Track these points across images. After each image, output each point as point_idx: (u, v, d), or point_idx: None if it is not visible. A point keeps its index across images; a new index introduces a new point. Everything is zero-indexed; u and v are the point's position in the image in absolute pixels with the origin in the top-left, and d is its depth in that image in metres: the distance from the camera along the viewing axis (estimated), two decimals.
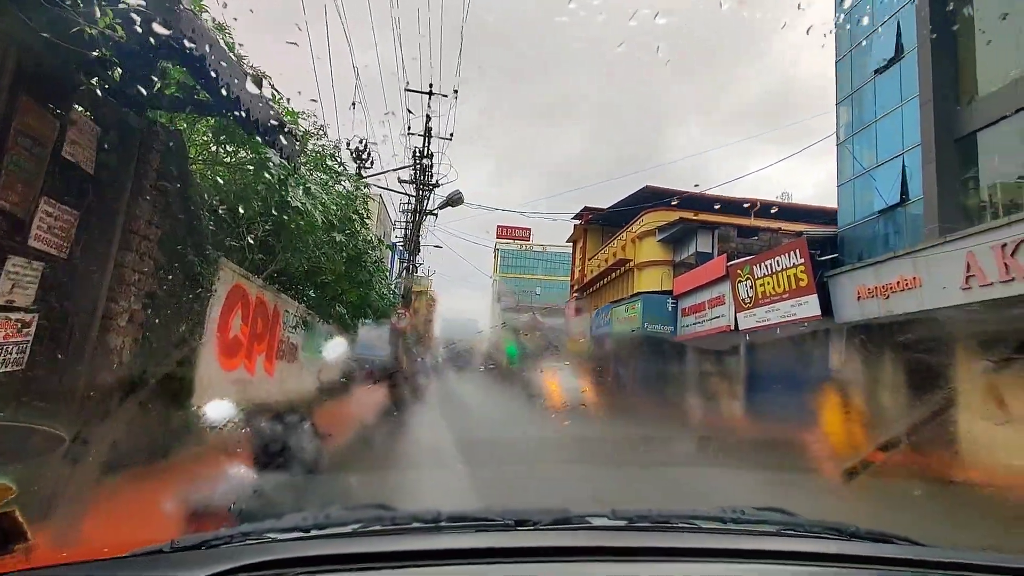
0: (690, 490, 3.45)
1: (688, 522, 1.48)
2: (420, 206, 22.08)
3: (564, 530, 1.34)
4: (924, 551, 1.45)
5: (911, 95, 13.47)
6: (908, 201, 13.59)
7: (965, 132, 12.37)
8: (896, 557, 1.39)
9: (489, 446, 5.16)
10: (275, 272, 8.66)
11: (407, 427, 7.17)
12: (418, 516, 1.34)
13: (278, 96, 7.84)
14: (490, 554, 1.19)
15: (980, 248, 10.38)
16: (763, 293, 16.42)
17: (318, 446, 3.65)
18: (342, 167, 10.69)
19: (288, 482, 2.59)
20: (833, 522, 1.53)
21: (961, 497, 6.04)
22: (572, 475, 4.24)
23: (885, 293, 12.61)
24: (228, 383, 7.30)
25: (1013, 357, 8.79)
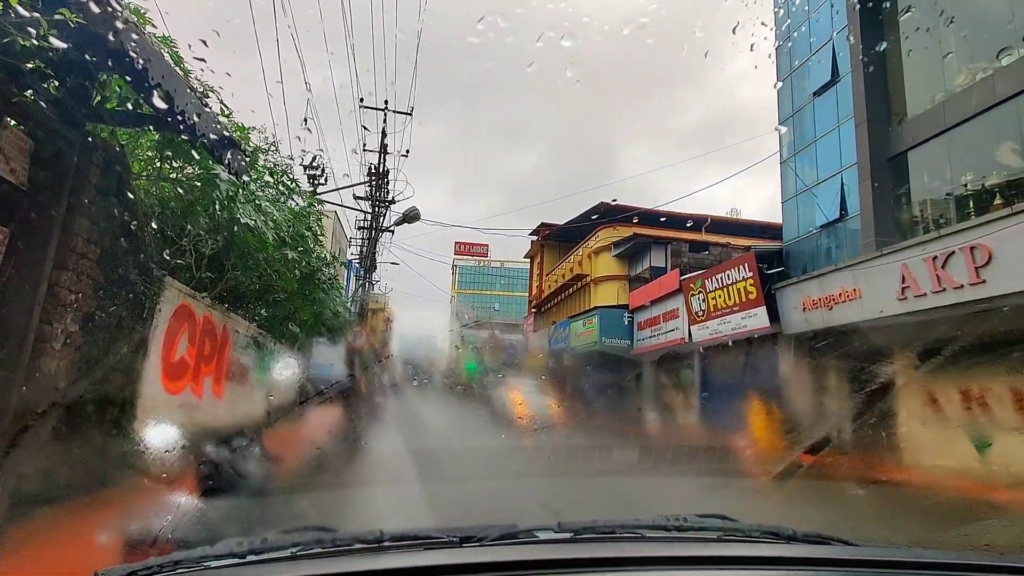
0: (635, 498, 3.51)
1: (633, 532, 1.50)
2: (376, 223, 21.88)
3: (510, 545, 1.34)
4: (858, 551, 1.50)
5: (847, 116, 14.20)
6: (847, 216, 14.25)
7: (897, 151, 13.11)
8: (832, 558, 1.44)
9: (442, 463, 5.10)
10: (224, 291, 8.40)
11: (362, 447, 7.03)
12: (360, 536, 1.31)
13: (227, 111, 7.68)
14: (434, 572, 1.18)
15: (913, 260, 10.96)
16: (715, 306, 16.87)
17: (268, 469, 3.55)
18: (294, 183, 10.51)
19: (231, 507, 2.50)
20: (771, 526, 1.58)
21: (890, 496, 6.32)
22: (521, 488, 4.24)
23: (828, 304, 13.14)
24: (173, 407, 7.00)
25: (944, 362, 9.28)
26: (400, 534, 1.33)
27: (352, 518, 3.26)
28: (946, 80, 12.19)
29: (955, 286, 10.18)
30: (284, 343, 11.36)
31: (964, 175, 11.82)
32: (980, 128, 11.32)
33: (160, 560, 1.21)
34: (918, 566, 1.38)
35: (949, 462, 9.44)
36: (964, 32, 11.71)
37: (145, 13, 5.12)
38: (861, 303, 12.25)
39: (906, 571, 1.36)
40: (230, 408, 8.89)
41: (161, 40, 5.70)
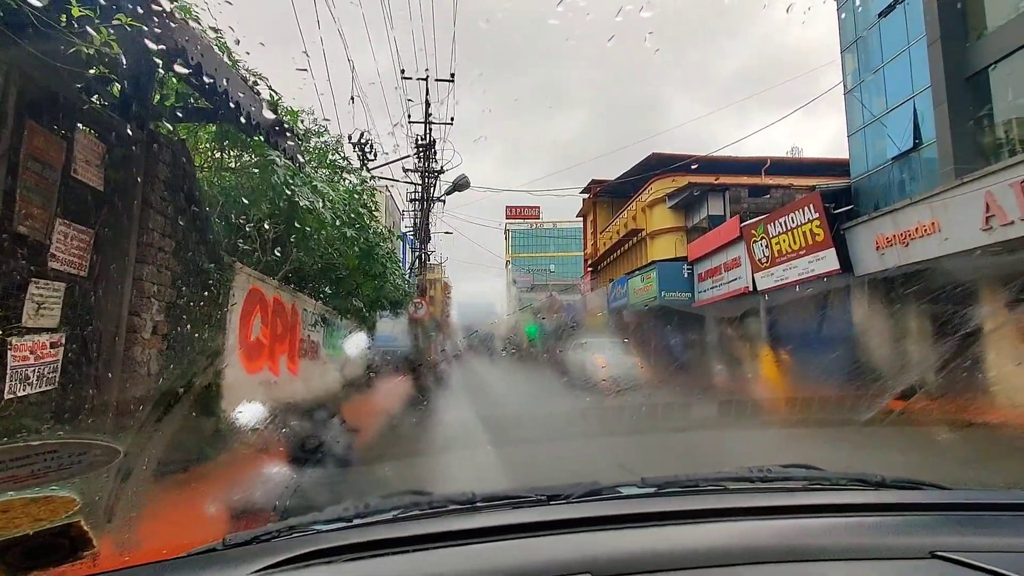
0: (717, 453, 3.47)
1: (716, 484, 1.50)
2: (427, 194, 22.08)
3: (595, 501, 1.37)
4: (951, 494, 1.45)
5: (918, 36, 13.10)
6: (922, 145, 13.31)
7: (976, 69, 12.03)
8: (924, 502, 1.41)
9: (516, 426, 5.20)
10: (290, 272, 8.74)
11: (434, 415, 7.27)
12: (453, 498, 1.38)
13: (276, 96, 7.84)
14: (525, 529, 1.22)
15: (999, 187, 10.15)
16: (779, 251, 16.25)
17: (349, 439, 3.71)
18: (346, 162, 10.70)
19: (325, 477, 2.65)
20: (858, 473, 1.54)
21: (985, 439, 6.02)
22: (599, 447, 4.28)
23: (904, 241, 12.41)
24: (254, 385, 7.42)
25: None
26: (490, 495, 1.39)
27: (441, 483, 3.40)
28: None
29: None
30: (349, 318, 11.76)
31: None
32: None
33: (278, 526, 1.31)
34: (1015, 507, 1.32)
35: None
36: None
37: (190, 8, 5.24)
38: (940, 237, 11.51)
39: (1002, 513, 1.31)
40: (305, 383, 9.34)
41: (211, 31, 5.84)
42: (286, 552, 1.14)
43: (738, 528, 1.24)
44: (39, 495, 1.13)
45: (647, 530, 1.22)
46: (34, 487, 1.16)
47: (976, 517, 1.30)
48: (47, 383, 3.93)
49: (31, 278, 3.82)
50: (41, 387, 3.89)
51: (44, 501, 1.12)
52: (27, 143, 3.71)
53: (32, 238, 3.84)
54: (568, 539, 1.20)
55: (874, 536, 1.21)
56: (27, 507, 1.10)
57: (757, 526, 1.25)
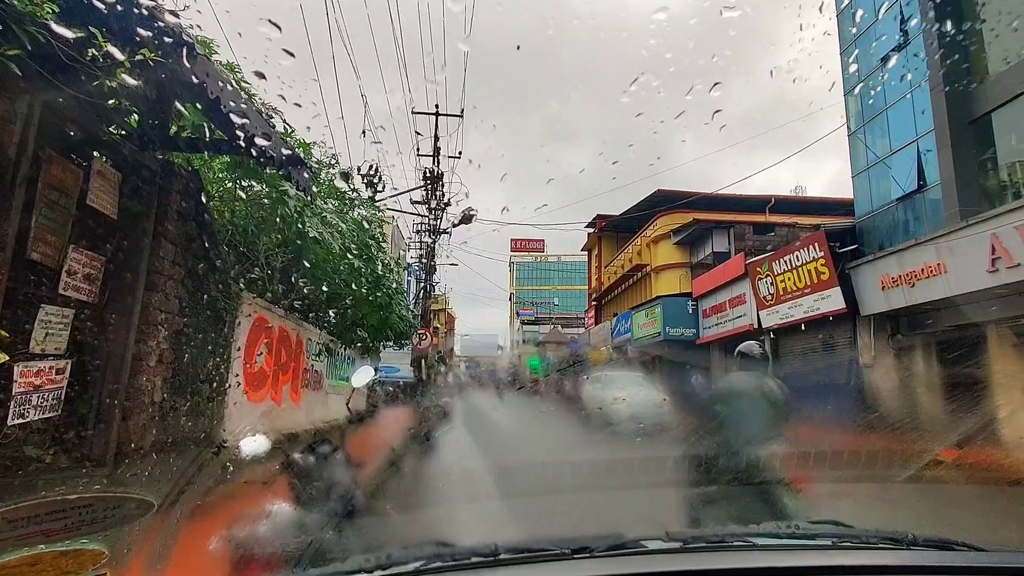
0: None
1: (743, 540, 1.46)
2: (433, 226, 22.23)
3: (620, 556, 1.33)
4: (987, 556, 1.40)
5: (922, 79, 13.32)
6: (926, 187, 13.39)
7: (979, 113, 12.20)
8: (958, 565, 1.35)
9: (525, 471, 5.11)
10: (296, 301, 8.75)
11: (439, 451, 7.15)
12: (476, 550, 1.35)
13: (289, 129, 7.97)
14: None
15: (1004, 230, 10.17)
16: (784, 289, 16.22)
17: (352, 476, 3.64)
18: (356, 194, 10.81)
19: (328, 515, 2.59)
20: (889, 531, 1.49)
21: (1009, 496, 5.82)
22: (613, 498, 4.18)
23: (910, 281, 12.38)
24: (255, 415, 7.36)
25: None
26: (512, 546, 1.36)
27: (455, 531, 3.31)
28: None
29: None
30: (354, 349, 11.72)
31: None
32: None
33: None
34: None
35: None
36: None
37: (212, 43, 5.37)
38: (947, 278, 11.48)
39: None
40: (308, 414, 9.25)
41: (226, 67, 5.98)
42: None
43: None
44: (69, 548, 1.12)
45: None
46: (66, 540, 1.15)
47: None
48: (51, 410, 3.89)
49: (41, 303, 3.83)
50: (44, 414, 3.85)
51: (73, 554, 1.12)
52: (45, 172, 3.76)
53: (44, 264, 3.86)
54: None
55: None
56: (56, 560, 1.09)
57: None
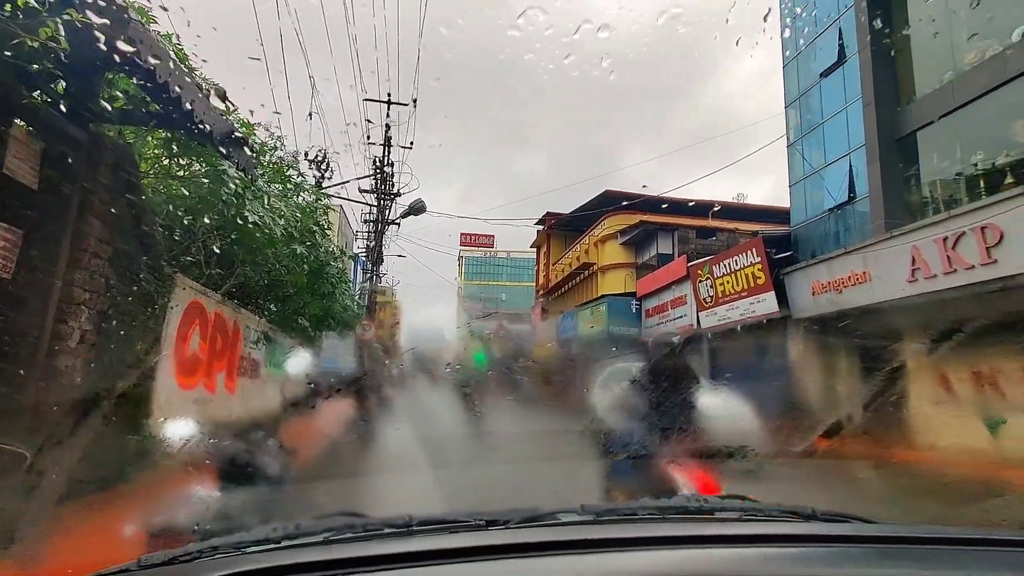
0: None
1: (654, 512, 1.52)
2: (382, 216, 21.91)
3: (534, 527, 1.36)
4: (877, 528, 1.51)
5: (855, 97, 14.04)
6: (856, 199, 14.14)
7: (905, 132, 12.97)
8: (852, 535, 1.45)
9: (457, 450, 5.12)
10: (234, 287, 8.46)
11: (375, 438, 7.08)
12: (389, 521, 1.34)
13: (231, 107, 7.70)
14: (462, 554, 1.20)
15: (924, 242, 10.87)
16: (723, 292, 16.81)
17: (284, 461, 3.58)
18: (301, 178, 10.54)
19: (254, 497, 2.54)
20: (791, 505, 1.59)
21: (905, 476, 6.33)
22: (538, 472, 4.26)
23: (838, 288, 13.06)
24: (187, 402, 7.09)
25: (956, 343, 9.23)
26: (427, 518, 1.36)
27: (378, 506, 3.29)
28: (955, 58, 12.02)
29: (966, 267, 10.11)
30: (294, 337, 11.43)
31: (974, 155, 11.68)
32: (990, 107, 11.17)
33: (199, 546, 1.24)
34: (936, 541, 1.39)
35: (962, 442, 9.41)
36: (974, 7, 11.52)
37: (149, 11, 5.13)
38: (871, 286, 12.18)
39: (924, 547, 1.37)
40: (243, 402, 8.98)
41: (165, 38, 5.72)
42: (206, 574, 1.09)
43: (674, 556, 1.26)
44: None
45: (584, 557, 1.22)
46: None
47: (900, 550, 1.36)
48: None
49: None
50: None
51: None
52: None
53: None
54: (504, 564, 1.18)
55: (804, 566, 1.24)
56: None
57: (693, 554, 1.27)
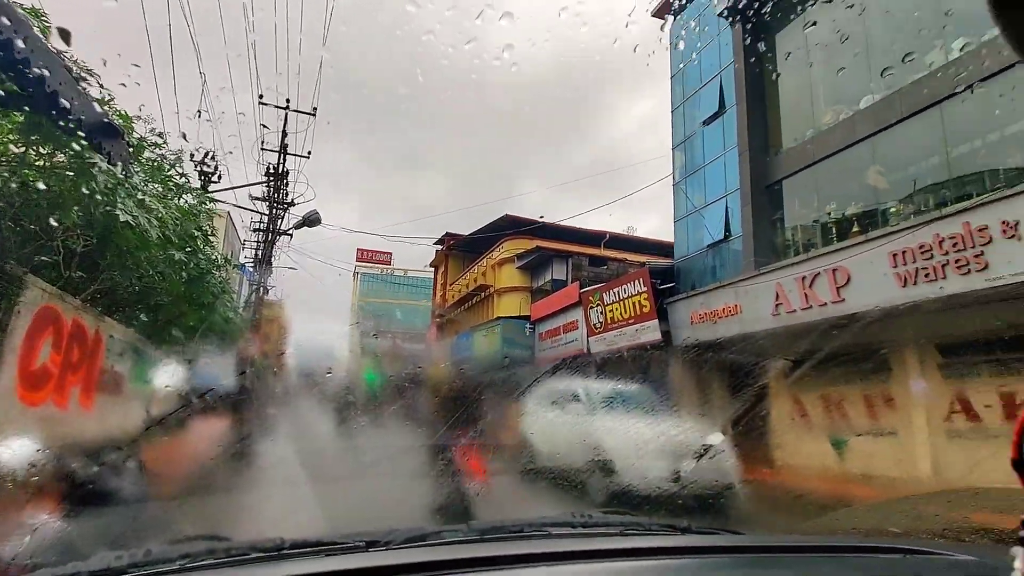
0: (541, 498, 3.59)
1: (539, 529, 1.55)
2: (273, 225, 20.89)
3: (418, 547, 1.33)
4: (744, 538, 1.64)
5: (732, 145, 15.41)
6: (731, 237, 15.42)
7: (773, 180, 14.39)
8: (722, 545, 1.56)
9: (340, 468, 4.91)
10: (99, 292, 7.69)
11: (252, 457, 6.63)
12: (257, 545, 1.24)
13: (107, 96, 7.09)
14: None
15: (786, 280, 12.04)
16: (612, 318, 17.59)
17: (145, 485, 3.29)
18: (184, 179, 9.85)
19: (104, 524, 2.29)
20: (668, 520, 1.69)
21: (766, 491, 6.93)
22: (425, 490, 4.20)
23: (713, 318, 14.11)
24: (31, 420, 6.28)
25: (810, 371, 10.28)
26: (301, 541, 1.27)
27: (246, 527, 3.06)
28: (815, 118, 13.57)
29: (820, 303, 11.31)
30: (167, 350, 10.53)
31: (828, 204, 13.17)
32: (842, 163, 12.69)
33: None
34: (795, 550, 1.52)
35: (813, 461, 10.45)
36: (835, 73, 13.10)
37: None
38: (741, 318, 13.27)
39: (786, 555, 1.49)
40: (101, 420, 8.10)
41: (30, 12, 5.19)
42: None
43: (559, 572, 1.27)
44: None
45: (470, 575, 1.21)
46: None
47: (764, 558, 1.47)
48: None
49: None
50: None
51: None
52: None
53: None
54: None
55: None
56: None
57: (576, 570, 1.29)
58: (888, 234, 10.22)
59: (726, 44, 16.02)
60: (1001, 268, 8.48)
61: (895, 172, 11.71)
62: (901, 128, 11.33)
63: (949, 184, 10.66)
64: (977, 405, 9.57)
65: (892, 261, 9.93)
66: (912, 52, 10.96)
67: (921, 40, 10.99)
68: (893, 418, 10.67)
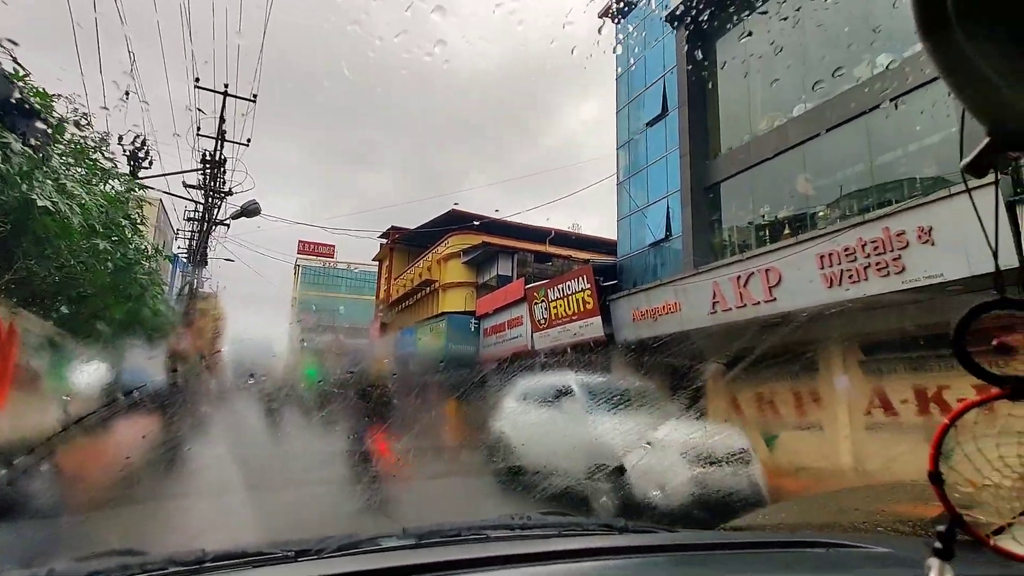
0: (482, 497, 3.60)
1: (478, 533, 1.53)
2: (209, 214, 20.03)
3: (351, 555, 1.28)
4: (679, 536, 1.69)
5: (674, 147, 15.83)
6: (672, 237, 15.86)
7: (712, 182, 14.88)
8: (657, 544, 1.59)
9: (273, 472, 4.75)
10: (13, 283, 7.17)
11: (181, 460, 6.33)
12: (176, 557, 1.16)
13: (21, 71, 6.61)
14: None
15: (722, 279, 12.49)
16: (556, 315, 17.79)
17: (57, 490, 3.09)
18: (112, 163, 9.30)
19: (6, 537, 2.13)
20: (606, 520, 1.72)
21: None
22: (364, 494, 4.12)
23: (654, 315, 14.48)
24: None
25: (744, 368, 10.71)
26: (225, 552, 1.21)
27: (167, 538, 2.91)
28: (752, 124, 14.12)
29: (753, 303, 11.79)
30: (90, 345, 9.94)
31: (762, 207, 13.74)
32: (775, 168, 13.25)
33: None
34: (726, 547, 1.58)
35: None
36: (770, 82, 13.64)
37: None
38: (680, 315, 13.67)
39: (717, 552, 1.54)
40: (13, 419, 7.58)
41: None
42: None
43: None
44: None
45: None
46: None
47: (698, 556, 1.50)
48: None
49: None
50: None
51: None
52: None
53: None
54: None
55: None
56: None
57: (514, 574, 1.28)
58: (815, 237, 10.75)
59: (670, 48, 16.44)
60: (916, 271, 9.08)
61: (824, 178, 12.34)
62: (830, 136, 11.94)
63: (872, 191, 11.32)
64: (895, 400, 10.22)
65: (819, 263, 10.45)
66: (842, 66, 11.56)
67: (850, 54, 11.60)
68: (820, 413, 11.26)
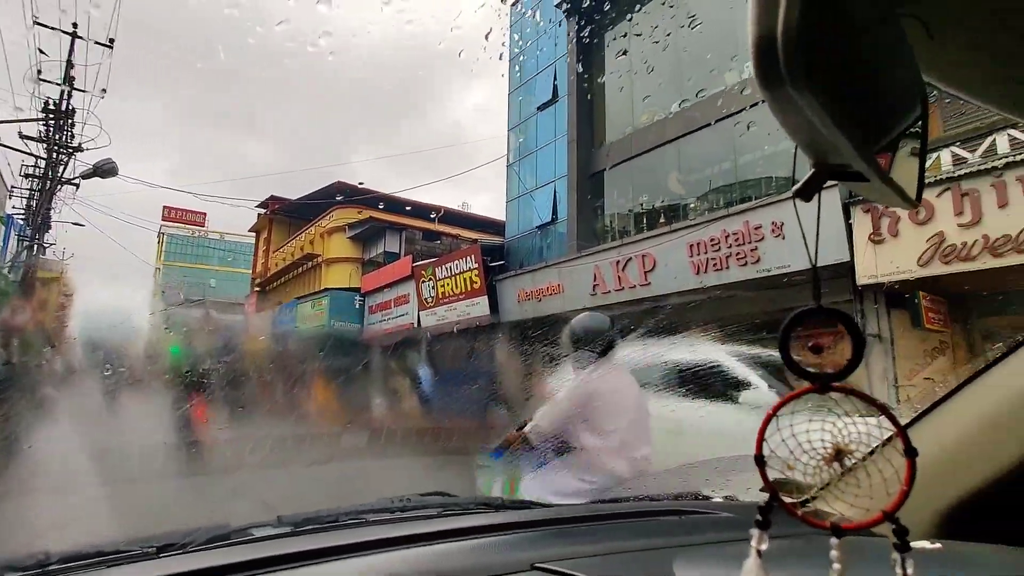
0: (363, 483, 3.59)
1: (356, 517, 1.52)
2: (53, 172, 17.76)
3: (220, 548, 1.23)
4: (555, 511, 1.76)
5: (562, 133, 16.28)
6: (558, 220, 16.38)
7: (597, 170, 15.52)
8: (534, 519, 1.64)
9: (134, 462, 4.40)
10: None
11: (17, 460, 5.65)
12: (14, 563, 1.07)
13: None
14: None
15: (603, 263, 13.15)
16: (443, 294, 17.80)
17: None
18: None
19: None
20: (484, 497, 1.79)
21: None
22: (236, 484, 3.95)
23: (539, 296, 14.95)
24: None
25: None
26: (74, 553, 1.11)
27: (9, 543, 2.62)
28: (635, 117, 14.84)
29: (630, 286, 12.54)
30: None
31: (641, 196, 14.57)
32: (654, 160, 14.07)
33: None
34: (596, 518, 1.67)
35: None
36: (653, 77, 14.37)
37: None
38: (563, 296, 14.23)
39: (594, 523, 1.61)
40: None
41: None
42: None
43: (376, 560, 1.24)
44: None
45: (280, 574, 1.14)
46: None
47: (571, 528, 1.57)
48: None
49: None
50: None
51: None
52: None
53: None
54: None
55: (491, 554, 1.34)
56: None
57: (394, 557, 1.27)
58: (686, 227, 11.62)
59: (562, 35, 16.78)
60: (770, 261, 10.11)
61: (695, 173, 13.30)
62: (701, 135, 12.86)
63: (736, 187, 12.38)
64: None
65: (689, 251, 11.32)
66: (715, 68, 12.44)
67: (723, 58, 12.52)
68: None
